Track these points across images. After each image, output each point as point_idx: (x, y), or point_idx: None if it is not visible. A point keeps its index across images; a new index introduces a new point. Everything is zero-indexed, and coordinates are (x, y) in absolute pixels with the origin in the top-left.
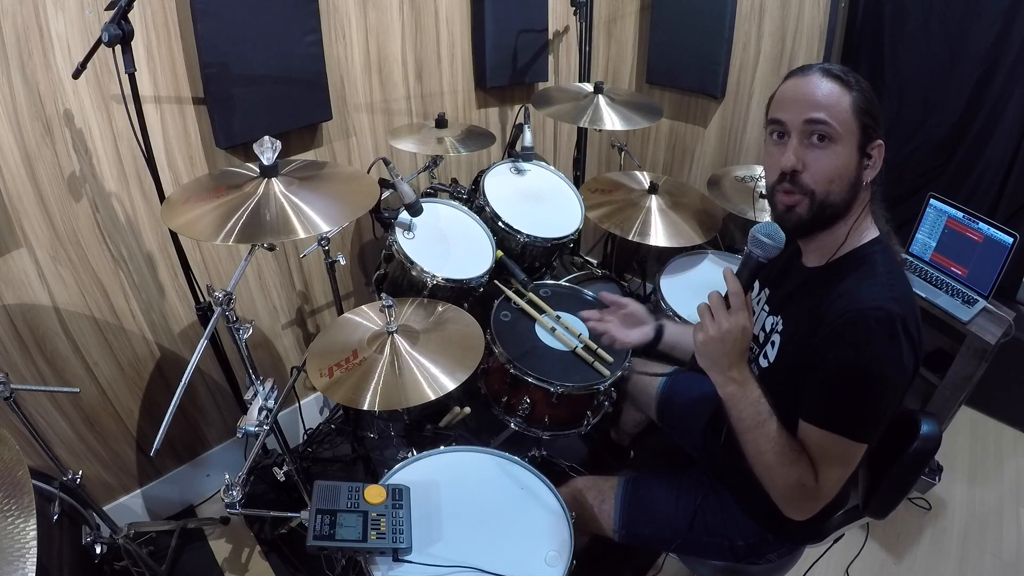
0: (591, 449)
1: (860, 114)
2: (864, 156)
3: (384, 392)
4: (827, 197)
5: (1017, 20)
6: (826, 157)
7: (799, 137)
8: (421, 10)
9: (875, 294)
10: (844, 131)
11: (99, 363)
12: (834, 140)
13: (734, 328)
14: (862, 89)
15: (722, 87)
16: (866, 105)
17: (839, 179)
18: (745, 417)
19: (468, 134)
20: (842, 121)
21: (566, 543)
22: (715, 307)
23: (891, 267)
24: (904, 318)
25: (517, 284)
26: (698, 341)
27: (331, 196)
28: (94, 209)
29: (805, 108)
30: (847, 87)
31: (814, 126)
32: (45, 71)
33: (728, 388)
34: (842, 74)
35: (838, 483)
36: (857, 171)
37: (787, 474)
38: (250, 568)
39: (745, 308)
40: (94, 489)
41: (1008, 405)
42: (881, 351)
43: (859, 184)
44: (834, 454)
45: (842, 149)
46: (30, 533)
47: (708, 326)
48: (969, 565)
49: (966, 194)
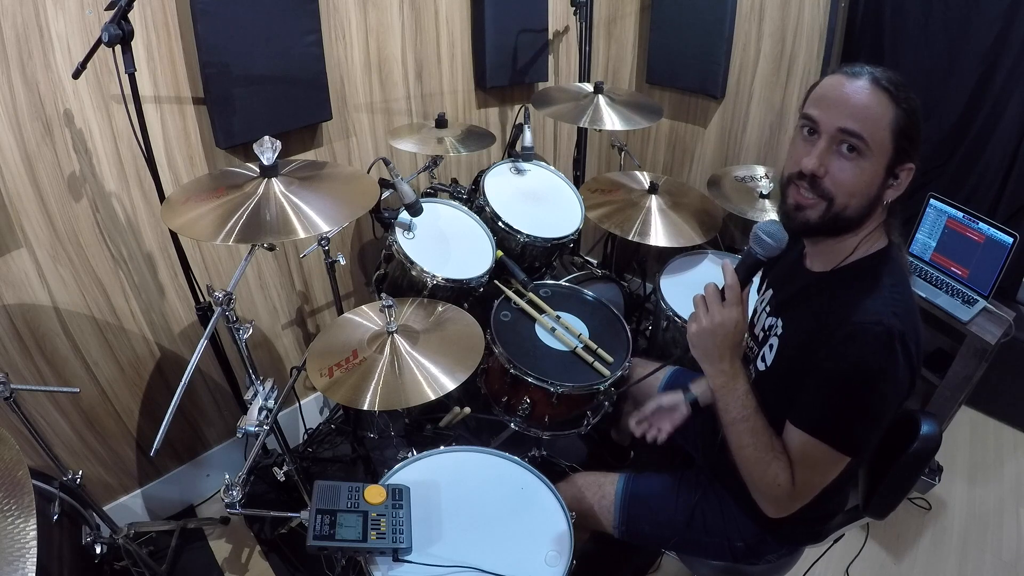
0: (591, 449)
1: (897, 134)
2: (891, 176)
3: (384, 392)
4: (844, 210)
5: (1017, 20)
6: (851, 169)
7: (828, 141)
8: (421, 10)
9: (876, 308)
10: (876, 148)
11: (99, 363)
12: (863, 155)
13: (727, 321)
14: (910, 108)
15: (722, 87)
16: (907, 126)
17: (860, 194)
18: (731, 409)
19: (468, 134)
20: (877, 138)
21: (566, 543)
22: (710, 299)
23: (896, 280)
24: (903, 333)
25: (517, 284)
26: (691, 332)
27: (331, 196)
28: (94, 209)
29: (842, 115)
30: (895, 102)
31: (846, 136)
32: (45, 71)
33: (718, 380)
34: (893, 88)
35: (813, 489)
36: (879, 189)
37: (764, 471)
38: (250, 568)
39: (740, 303)
40: (94, 489)
41: (1008, 405)
42: (877, 366)
43: (878, 202)
44: (814, 460)
45: (869, 165)
46: (30, 533)
47: (702, 317)
48: (969, 565)
49: (966, 194)
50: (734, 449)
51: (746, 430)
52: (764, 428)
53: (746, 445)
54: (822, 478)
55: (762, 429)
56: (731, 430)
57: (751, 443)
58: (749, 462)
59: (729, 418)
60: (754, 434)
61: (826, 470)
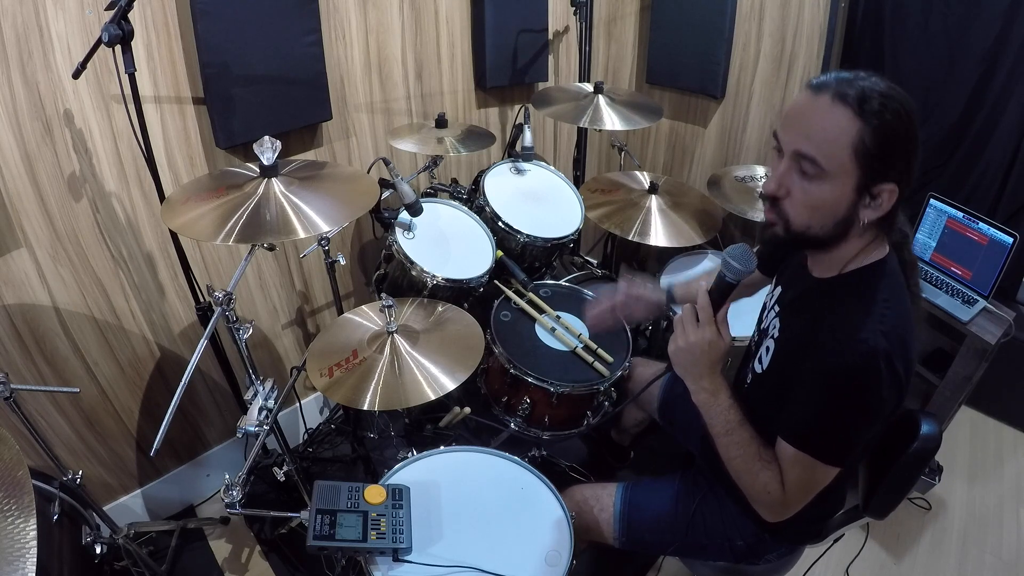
0: (591, 449)
1: (862, 154)
2: (866, 195)
3: (384, 392)
4: (806, 230)
5: (1017, 20)
6: (811, 190)
7: (789, 162)
8: (421, 10)
9: (864, 326)
10: (835, 170)
11: (99, 363)
12: (821, 178)
13: (701, 341)
14: (882, 122)
15: (722, 87)
16: (875, 143)
17: (821, 215)
18: (715, 424)
19: (468, 134)
20: (834, 159)
21: (566, 543)
22: (686, 319)
23: (891, 294)
24: (889, 353)
25: (517, 284)
26: (670, 350)
27: (331, 196)
28: (94, 209)
29: (798, 137)
30: (860, 118)
31: (801, 160)
32: (45, 71)
33: (700, 396)
34: (857, 101)
35: (804, 497)
36: (848, 210)
37: (753, 481)
38: (250, 568)
39: (712, 323)
40: (94, 489)
41: (1008, 405)
42: (861, 383)
43: (850, 223)
44: (802, 471)
45: (829, 187)
46: (30, 533)
47: (678, 336)
48: (969, 565)
49: (966, 194)
50: (724, 460)
51: (731, 443)
52: (750, 440)
53: (733, 457)
54: (813, 485)
55: (748, 441)
56: (718, 443)
57: (738, 455)
58: (738, 472)
59: (715, 432)
60: (740, 446)
61: (815, 478)
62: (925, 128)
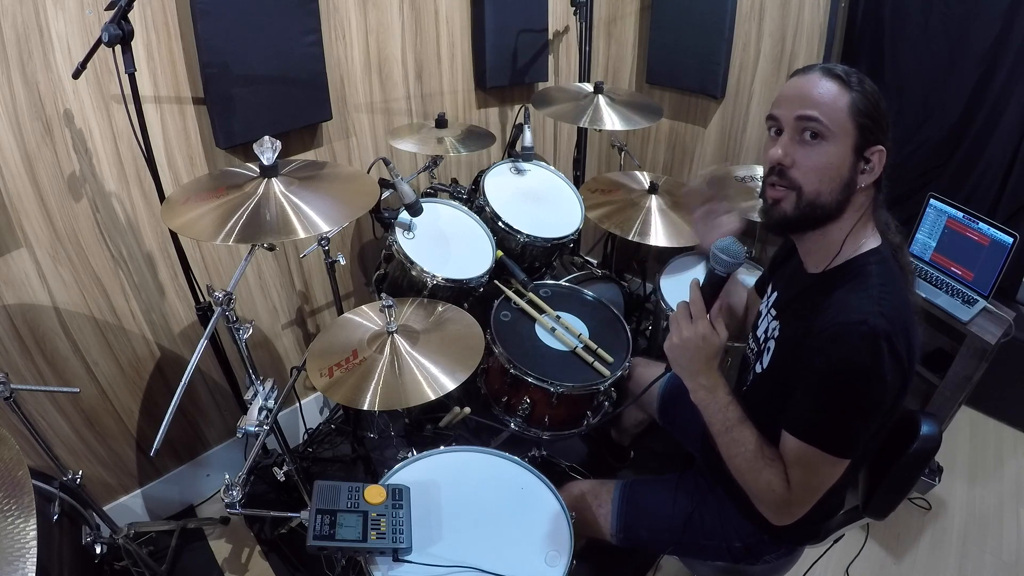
0: (591, 449)
1: (857, 115)
2: (861, 159)
3: (384, 392)
4: (816, 197)
5: (1017, 20)
6: (816, 155)
7: (791, 133)
8: (421, 10)
9: (862, 308)
10: (837, 130)
11: (99, 363)
12: (825, 138)
13: (694, 337)
14: (864, 91)
15: (722, 87)
16: (866, 107)
17: (829, 178)
18: (715, 422)
19: (468, 134)
20: (835, 120)
21: (566, 543)
22: (680, 316)
23: (886, 280)
24: (890, 334)
25: (517, 284)
26: (666, 347)
27: (331, 196)
28: (94, 209)
29: (798, 104)
30: (846, 87)
31: (805, 123)
32: (45, 71)
33: (698, 393)
34: (843, 74)
35: (813, 494)
36: (851, 173)
37: (756, 479)
38: (250, 568)
39: (704, 318)
40: (94, 489)
41: (1008, 405)
42: (862, 366)
43: (852, 186)
44: (808, 465)
45: (833, 148)
46: (30, 533)
47: (673, 333)
48: (969, 565)
49: (966, 194)
50: (725, 459)
51: (731, 441)
52: (750, 437)
53: (735, 455)
54: (820, 482)
55: (748, 438)
56: (718, 441)
57: (739, 453)
58: (740, 471)
59: (714, 430)
60: (740, 444)
61: (823, 473)
62: (925, 128)
